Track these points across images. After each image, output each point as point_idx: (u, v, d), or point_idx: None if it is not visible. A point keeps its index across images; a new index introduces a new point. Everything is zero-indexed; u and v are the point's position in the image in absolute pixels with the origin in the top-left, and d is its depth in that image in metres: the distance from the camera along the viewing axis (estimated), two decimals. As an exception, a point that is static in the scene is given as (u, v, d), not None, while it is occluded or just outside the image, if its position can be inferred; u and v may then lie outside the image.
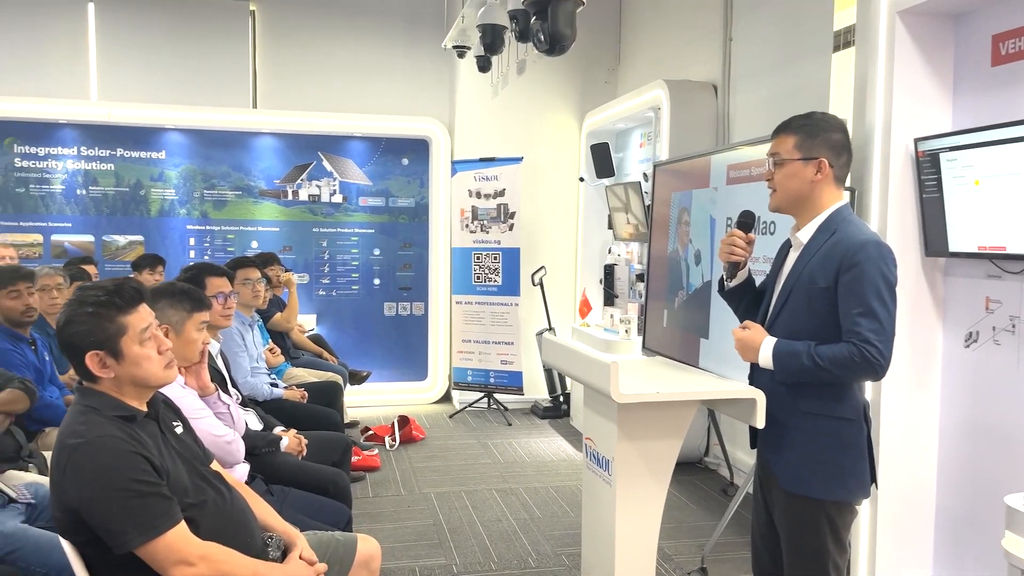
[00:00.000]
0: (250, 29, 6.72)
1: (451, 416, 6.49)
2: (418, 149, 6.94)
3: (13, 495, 2.60)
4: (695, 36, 5.48)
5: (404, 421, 5.77)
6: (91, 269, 5.05)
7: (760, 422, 2.06)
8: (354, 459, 4.96)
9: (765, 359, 2.06)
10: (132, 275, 5.40)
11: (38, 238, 6.35)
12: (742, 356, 2.15)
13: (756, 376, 2.22)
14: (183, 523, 1.80)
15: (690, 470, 5.04)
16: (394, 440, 5.59)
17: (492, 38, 4.18)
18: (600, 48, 6.87)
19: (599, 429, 2.35)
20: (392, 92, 6.94)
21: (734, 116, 5.00)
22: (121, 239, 6.50)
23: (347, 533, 2.39)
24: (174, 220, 6.58)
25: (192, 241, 6.62)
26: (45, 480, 2.59)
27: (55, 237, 6.38)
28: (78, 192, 6.40)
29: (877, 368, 1.96)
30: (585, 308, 6.29)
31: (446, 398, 6.98)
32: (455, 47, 5.20)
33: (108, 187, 6.45)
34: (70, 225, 6.41)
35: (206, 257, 6.55)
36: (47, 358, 3.64)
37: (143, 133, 6.46)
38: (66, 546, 1.83)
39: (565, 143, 6.88)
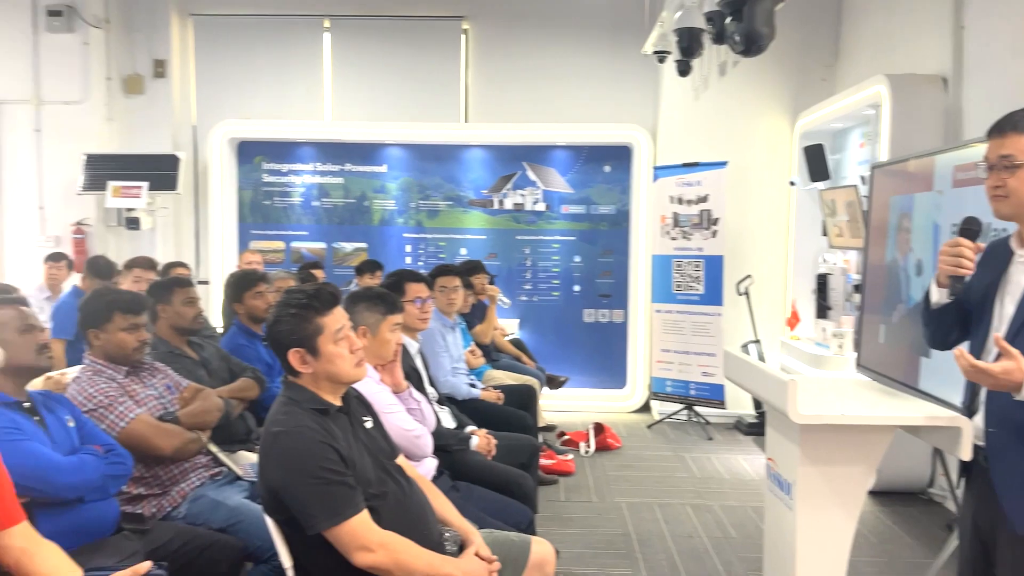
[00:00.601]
0: (463, 46, 7.09)
1: (649, 426, 6.40)
2: (620, 156, 6.93)
3: (240, 473, 2.94)
4: (922, 25, 4.99)
5: (600, 428, 5.79)
6: (319, 273, 5.57)
7: (966, 453, 1.83)
8: (548, 463, 5.07)
9: None
10: (356, 279, 5.90)
11: (280, 245, 7.13)
12: (992, 386, 1.84)
13: (993, 401, 1.91)
14: (366, 512, 1.95)
15: (911, 501, 4.60)
16: (589, 447, 5.62)
17: (689, 42, 4.09)
18: (816, 44, 6.46)
19: (781, 450, 2.22)
20: (595, 100, 6.99)
21: (966, 111, 4.49)
22: (348, 246, 7.11)
23: (522, 534, 2.44)
24: (393, 228, 7.09)
25: (408, 248, 7.10)
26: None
27: (294, 244, 7.13)
28: (313, 204, 7.09)
29: None
30: (794, 320, 5.94)
31: (645, 408, 6.90)
32: (655, 52, 5.15)
33: (338, 199, 7.09)
34: (306, 233, 7.13)
35: (420, 263, 7.00)
36: (276, 353, 4.06)
37: (368, 149, 7.03)
38: (269, 522, 2.04)
39: (774, 146, 6.55)
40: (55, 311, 5.16)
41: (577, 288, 7.06)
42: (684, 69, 4.77)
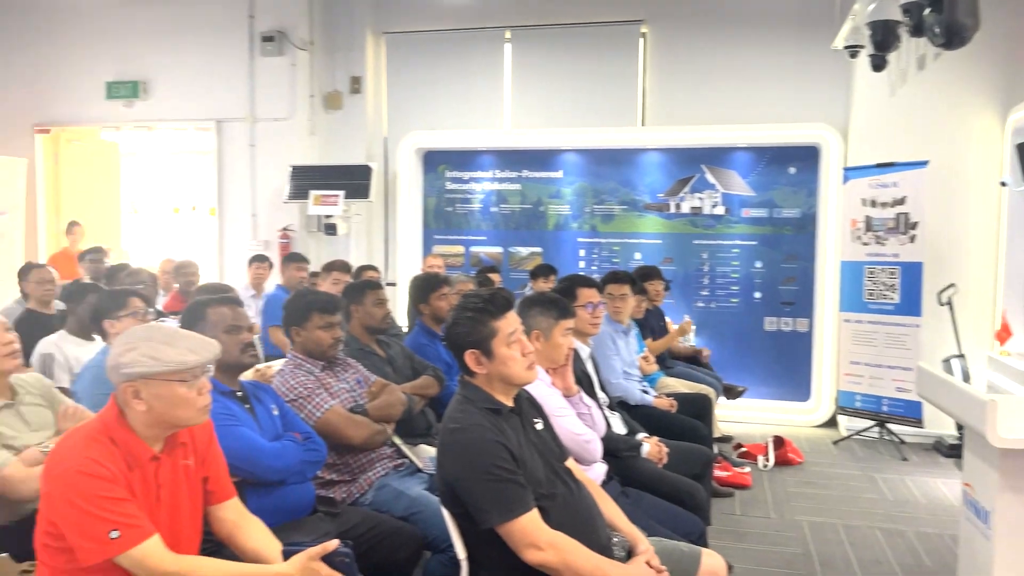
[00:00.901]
0: (641, 49, 7.06)
1: (835, 442, 6.04)
2: (806, 157, 6.60)
3: (420, 465, 3.11)
4: None
5: (780, 442, 5.54)
6: (495, 277, 5.76)
7: None
8: (724, 474, 4.93)
9: None
10: (530, 282, 6.04)
11: (460, 250, 7.43)
12: None
13: None
14: (536, 511, 2.00)
15: None
16: (768, 460, 5.39)
17: (884, 35, 3.82)
18: (1033, 30, 5.82)
19: (978, 474, 2.03)
20: (780, 99, 6.70)
21: None
22: (523, 250, 7.29)
23: (693, 545, 2.41)
24: (567, 233, 7.18)
25: (582, 252, 7.16)
26: (443, 456, 3.05)
27: (473, 248, 7.41)
28: (491, 210, 7.34)
29: None
30: (1005, 334, 5.38)
31: (830, 422, 6.51)
32: (847, 47, 4.86)
33: (515, 205, 7.28)
34: (485, 238, 7.38)
35: (593, 267, 7.03)
36: (455, 352, 4.25)
37: (544, 155, 7.17)
38: (446, 514, 2.15)
39: (982, 143, 5.96)
40: (267, 303, 5.75)
41: (758, 295, 6.80)
42: (879, 64, 4.47)
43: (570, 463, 2.31)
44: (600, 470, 2.85)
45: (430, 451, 3.30)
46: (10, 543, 2.37)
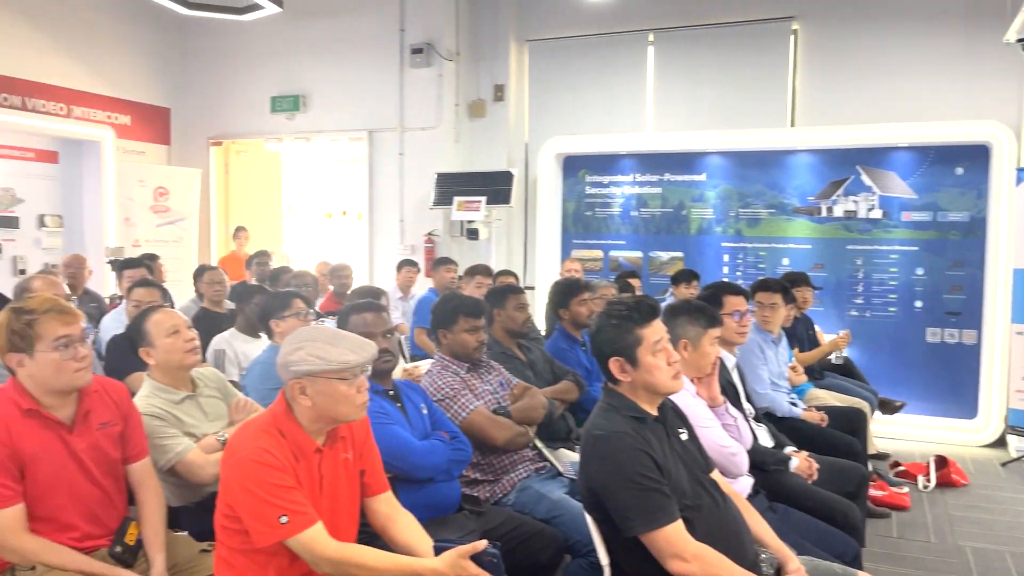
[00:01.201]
0: (791, 47, 6.80)
1: (1004, 464, 5.56)
2: (975, 156, 6.11)
3: (561, 469, 3.14)
4: None
5: (943, 462, 5.16)
6: (635, 282, 5.71)
7: None
8: (879, 494, 4.65)
9: None
10: (671, 288, 5.95)
11: (599, 254, 7.42)
12: None
13: None
14: (680, 521, 1.98)
15: None
16: (928, 481, 5.04)
17: (1071, 22, 3.49)
18: None
19: None
20: (945, 95, 6.26)
21: None
22: (664, 255, 7.19)
23: (847, 567, 2.30)
24: (710, 238, 7.01)
25: (726, 258, 6.97)
26: (584, 461, 3.06)
27: (612, 253, 7.38)
28: (631, 214, 7.28)
29: None
30: None
31: (999, 442, 6.00)
32: (1019, 40, 4.47)
33: (655, 208, 7.19)
34: (624, 243, 7.34)
35: (738, 273, 6.83)
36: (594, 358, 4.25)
37: (687, 158, 7.03)
38: (589, 520, 2.17)
39: None
40: (417, 306, 5.99)
41: (919, 304, 6.36)
42: (1062, 53, 4.08)
43: (716, 475, 2.27)
44: (746, 484, 2.77)
45: (570, 455, 3.32)
46: (190, 523, 2.60)
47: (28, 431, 2.13)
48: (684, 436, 2.24)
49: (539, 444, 3.17)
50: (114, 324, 4.45)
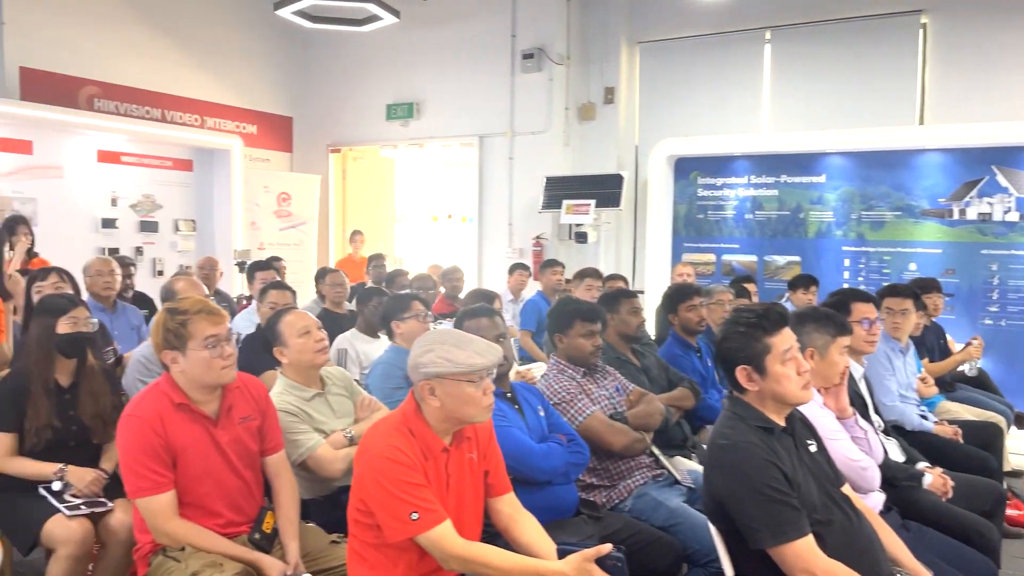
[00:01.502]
0: (920, 42, 6.47)
1: None
2: None
3: (678, 477, 3.10)
4: None
5: (1089, 483, 4.78)
6: (751, 287, 5.56)
7: None
8: (1016, 514, 4.35)
9: None
10: (788, 293, 5.76)
11: (711, 258, 7.28)
12: None
13: None
14: (811, 536, 1.92)
15: None
16: (1073, 503, 4.67)
17: None
18: None
19: None
20: (1096, 88, 5.82)
21: None
22: (780, 259, 6.97)
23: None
24: (829, 241, 6.75)
25: (847, 262, 6.69)
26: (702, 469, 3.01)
27: (725, 257, 7.22)
28: (745, 217, 7.10)
29: None
30: None
31: None
32: None
33: (771, 211, 6.99)
34: (737, 246, 7.16)
35: (859, 278, 6.55)
36: (710, 364, 4.17)
37: (805, 158, 6.80)
38: (713, 531, 2.14)
39: None
40: (524, 309, 6.04)
41: (1061, 312, 5.93)
42: None
43: (847, 490, 2.19)
44: (877, 500, 2.65)
45: (687, 463, 3.28)
46: (319, 515, 2.72)
47: (179, 424, 2.29)
48: (813, 448, 2.17)
49: (656, 451, 3.14)
50: (245, 324, 4.69)
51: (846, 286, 5.88)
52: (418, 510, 1.92)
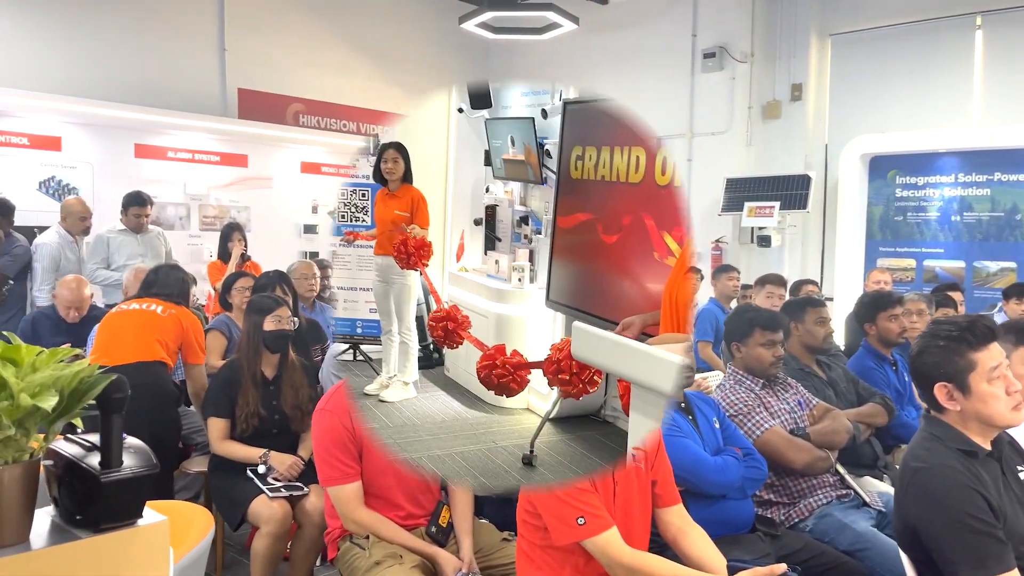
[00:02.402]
0: None
1: None
2: None
3: (867, 499, 2.89)
4: None
5: None
6: (957, 296, 5.08)
7: None
8: None
9: None
10: (1002, 303, 5.21)
11: (911, 263, 6.72)
12: None
13: None
14: (1016, 571, 1.74)
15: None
16: None
17: None
18: None
19: None
20: None
21: None
22: (992, 265, 6.32)
23: None
24: (1063, 246, 6.04)
25: (1073, 269, 5.95)
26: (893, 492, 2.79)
27: (927, 262, 6.64)
28: (952, 219, 6.50)
29: None
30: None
31: None
32: None
33: (982, 212, 6.35)
34: (942, 251, 6.57)
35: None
36: (907, 379, 3.85)
37: (1022, 155, 6.11)
38: (904, 559, 1.98)
39: None
40: (698, 317, 5.86)
41: None
42: None
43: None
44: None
45: (877, 485, 3.06)
46: (492, 513, 2.81)
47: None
48: (1023, 475, 1.96)
49: (841, 470, 2.95)
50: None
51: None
52: (585, 515, 1.93)
